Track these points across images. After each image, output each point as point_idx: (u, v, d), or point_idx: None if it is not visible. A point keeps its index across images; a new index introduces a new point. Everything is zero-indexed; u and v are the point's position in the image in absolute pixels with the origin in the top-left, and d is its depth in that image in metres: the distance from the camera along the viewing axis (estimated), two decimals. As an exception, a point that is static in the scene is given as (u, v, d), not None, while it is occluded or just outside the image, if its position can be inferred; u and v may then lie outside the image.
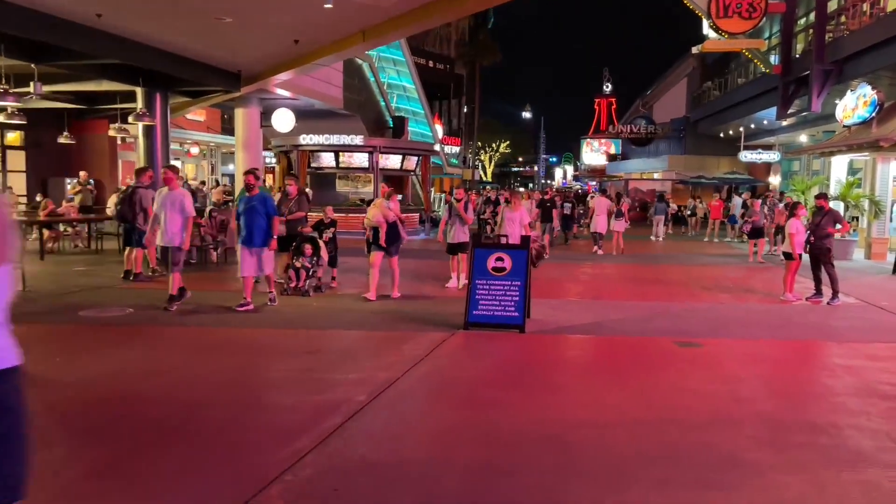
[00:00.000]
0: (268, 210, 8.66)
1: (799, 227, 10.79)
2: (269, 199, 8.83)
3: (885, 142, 16.77)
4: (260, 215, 8.55)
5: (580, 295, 11.10)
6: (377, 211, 9.72)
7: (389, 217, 9.64)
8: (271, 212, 8.71)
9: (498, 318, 7.90)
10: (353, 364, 6.20)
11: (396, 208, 9.92)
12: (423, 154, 24.35)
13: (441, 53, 49.08)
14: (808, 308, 10.20)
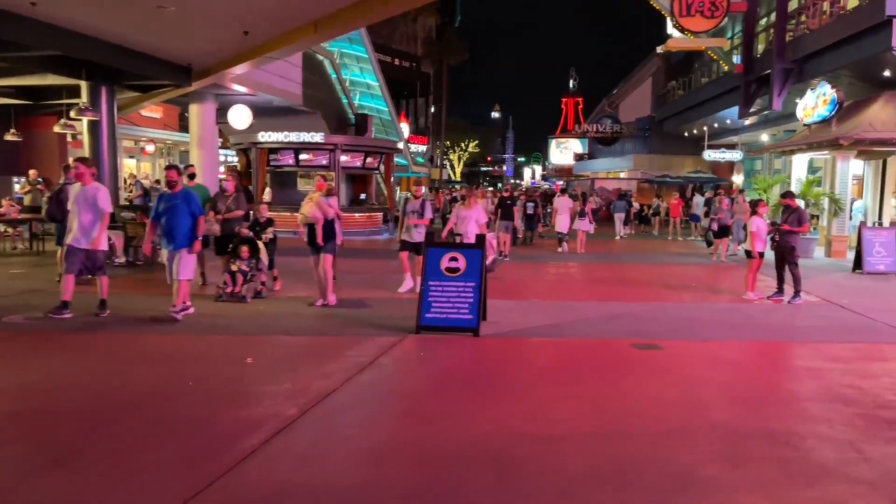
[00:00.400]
0: (192, 209, 7.82)
1: (760, 225, 10.63)
2: (194, 196, 8.01)
3: (845, 140, 16.85)
4: (182, 215, 7.74)
5: (540, 295, 10.78)
6: (313, 206, 8.93)
7: (328, 213, 8.93)
8: (196, 211, 7.87)
9: (451, 322, 7.51)
10: (289, 373, 5.74)
11: (335, 205, 9.30)
12: (386, 152, 23.85)
13: (407, 52, 48.61)
14: (769, 307, 10.03)
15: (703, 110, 30.11)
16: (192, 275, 8.04)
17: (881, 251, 14.33)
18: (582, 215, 18.06)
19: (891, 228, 14.68)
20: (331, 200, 9.19)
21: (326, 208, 8.95)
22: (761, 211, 10.91)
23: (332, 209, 9.09)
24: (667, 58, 38.78)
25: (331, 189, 9.52)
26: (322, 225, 8.85)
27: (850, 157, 17.92)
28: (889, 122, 17.21)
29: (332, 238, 9.05)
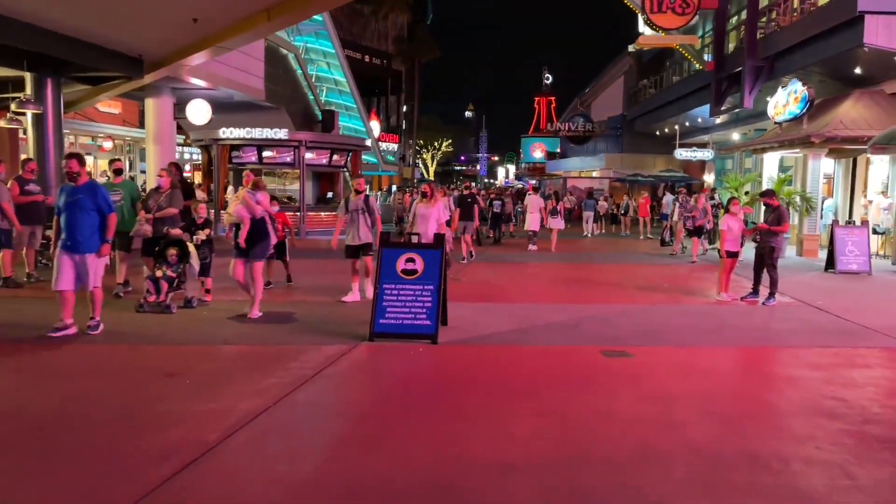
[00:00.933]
0: (98, 204, 6.72)
1: (731, 224, 10.25)
2: (101, 190, 6.95)
3: (817, 137, 16.66)
4: (87, 211, 6.64)
5: (507, 297, 10.27)
6: (239, 204, 7.88)
7: (256, 212, 7.85)
8: (104, 207, 6.78)
9: (407, 328, 6.95)
10: (218, 389, 5.12)
11: (265, 202, 8.16)
12: (353, 149, 23.21)
13: (378, 49, 47.90)
14: (744, 309, 9.65)
15: (674, 109, 29.98)
16: (100, 281, 6.93)
17: (854, 250, 14.12)
18: (554, 214, 18.14)
19: (863, 227, 14.48)
20: (259, 196, 8.06)
21: (253, 206, 7.86)
22: (734, 209, 10.55)
23: (261, 206, 7.99)
24: (638, 57, 38.70)
25: (258, 183, 8.29)
26: (249, 225, 7.80)
27: (821, 155, 17.75)
28: (860, 119, 17.07)
29: (263, 240, 7.94)
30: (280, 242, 9.83)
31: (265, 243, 7.99)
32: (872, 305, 10.06)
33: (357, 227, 8.92)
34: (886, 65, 16.65)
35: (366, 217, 8.93)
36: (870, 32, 15.01)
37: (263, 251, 8.01)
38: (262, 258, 7.99)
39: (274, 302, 8.97)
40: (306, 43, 24.93)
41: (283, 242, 10.06)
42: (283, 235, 10.02)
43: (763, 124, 23.67)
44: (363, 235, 8.93)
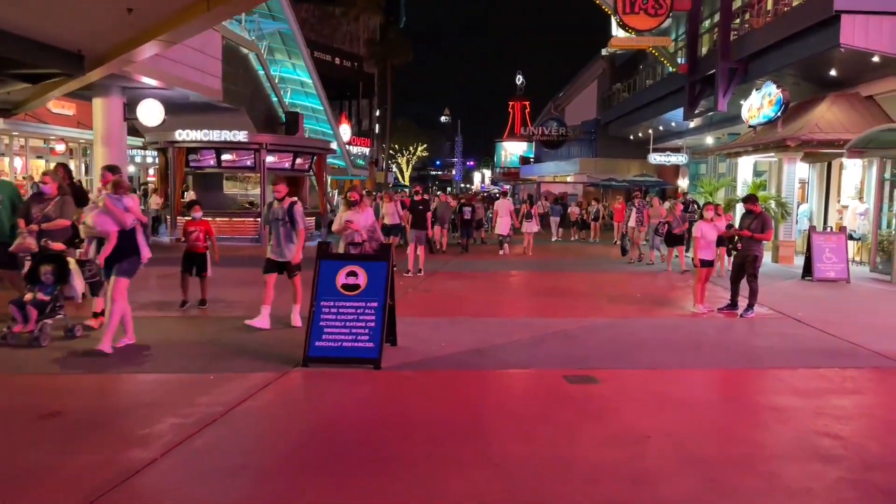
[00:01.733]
0: None
1: (706, 231, 9.60)
2: None
3: (792, 141, 16.21)
4: None
5: (469, 310, 9.50)
6: (100, 213, 6.38)
7: (126, 222, 6.35)
8: None
9: (347, 351, 6.13)
10: (106, 432, 4.26)
11: (135, 207, 6.58)
12: (318, 152, 22.30)
13: (349, 51, 47.02)
14: (721, 322, 9.00)
15: (648, 112, 29.58)
16: None
17: (831, 257, 13.63)
18: (529, 218, 18.25)
19: (840, 233, 14.00)
20: (126, 201, 6.45)
21: (120, 214, 6.34)
22: (708, 215, 9.92)
23: (131, 214, 6.44)
24: (612, 60, 38.38)
25: (120, 183, 6.55)
26: (116, 238, 6.32)
27: (796, 159, 17.33)
28: (835, 122, 16.67)
29: (132, 255, 6.41)
30: (199, 256, 8.76)
31: (134, 259, 6.46)
32: (853, 317, 9.49)
33: (279, 239, 7.52)
34: (862, 66, 16.27)
35: (287, 228, 7.47)
36: (846, 32, 14.57)
37: (133, 268, 6.47)
38: (128, 275, 6.42)
39: (207, 317, 8.10)
40: (269, 43, 24.00)
41: (203, 256, 8.81)
42: (205, 247, 8.84)
43: (737, 128, 23.29)
44: (287, 251, 7.52)
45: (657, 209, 16.30)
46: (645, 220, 16.22)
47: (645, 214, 16.30)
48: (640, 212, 16.32)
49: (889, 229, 14.63)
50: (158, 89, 18.08)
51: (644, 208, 16.47)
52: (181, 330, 7.59)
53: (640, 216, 16.26)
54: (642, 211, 16.35)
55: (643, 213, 16.31)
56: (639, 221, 16.23)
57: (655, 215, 16.04)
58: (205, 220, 9.29)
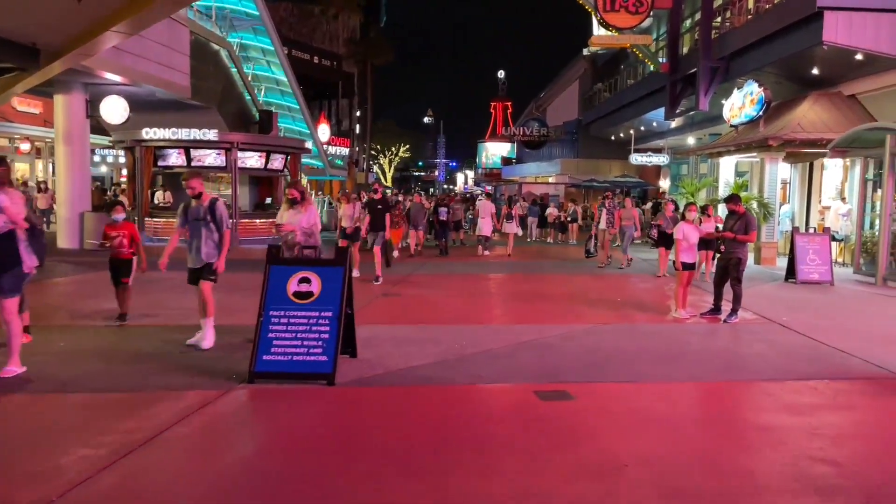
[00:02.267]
0: None
1: (687, 232, 9.17)
2: None
3: (774, 140, 15.90)
4: None
5: (438, 317, 8.98)
6: None
7: (16, 218, 5.39)
8: None
9: (298, 365, 5.58)
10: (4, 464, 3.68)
11: (20, 205, 5.49)
12: (292, 152, 21.67)
13: (328, 50, 46.34)
14: (704, 328, 8.57)
15: (629, 112, 29.28)
16: None
17: (815, 259, 13.31)
18: (509, 219, 18.26)
19: (824, 235, 13.69)
20: (3, 198, 5.37)
21: None
22: (690, 216, 9.50)
23: (8, 214, 5.35)
24: (593, 60, 38.12)
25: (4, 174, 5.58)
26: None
27: (778, 159, 17.04)
28: (818, 122, 16.40)
29: (13, 268, 5.45)
30: (124, 263, 7.93)
31: (16, 271, 5.48)
32: (840, 322, 9.11)
33: (200, 242, 6.60)
34: (845, 64, 16.01)
35: (210, 229, 6.62)
36: (829, 29, 14.28)
37: (15, 283, 5.49)
38: (12, 293, 5.49)
39: (145, 328, 7.51)
40: (241, 39, 23.33)
41: (129, 262, 7.96)
42: (131, 253, 7.96)
43: (718, 128, 23.03)
44: (205, 254, 6.60)
45: (628, 211, 15.67)
46: (616, 222, 15.45)
47: (616, 216, 15.51)
48: (610, 213, 15.51)
49: (872, 230, 14.34)
50: (123, 86, 17.39)
51: (615, 210, 15.67)
52: (112, 343, 6.96)
53: (611, 218, 15.44)
54: (613, 212, 15.54)
55: (614, 214, 15.52)
56: (609, 223, 15.40)
57: (627, 217, 15.39)
58: (129, 223, 8.35)
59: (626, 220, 15.36)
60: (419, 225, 16.95)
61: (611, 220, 15.38)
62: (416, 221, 16.89)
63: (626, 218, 15.41)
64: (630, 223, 15.31)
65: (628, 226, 15.33)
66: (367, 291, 11.08)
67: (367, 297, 10.54)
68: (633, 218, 15.44)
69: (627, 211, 15.67)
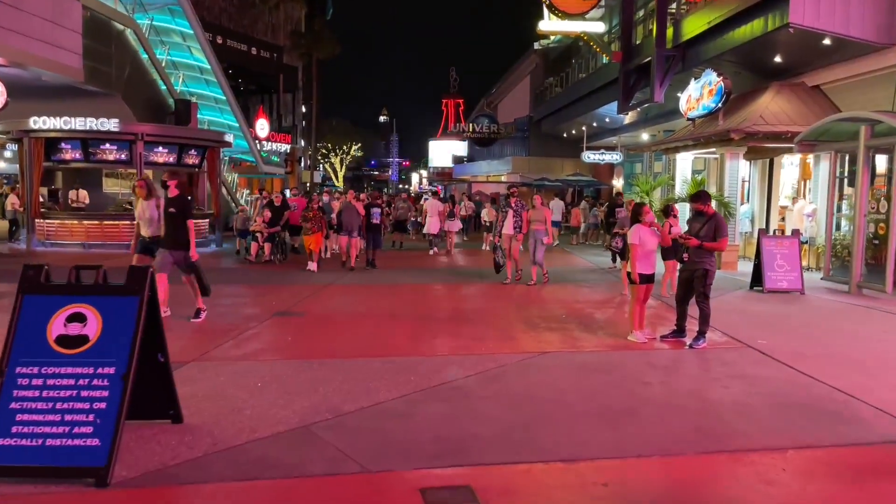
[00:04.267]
0: None
1: (644, 237, 7.47)
2: None
3: (736, 133, 14.45)
4: None
5: (334, 346, 7.04)
6: None
7: None
8: None
9: (53, 455, 3.57)
10: None
11: None
12: (210, 146, 19.39)
13: (268, 41, 43.82)
14: (666, 358, 6.85)
15: (581, 107, 27.85)
16: None
17: (783, 264, 11.85)
18: (451, 217, 18.32)
19: (793, 238, 12.23)
20: None
21: None
22: (647, 218, 7.76)
23: None
24: (545, 54, 36.69)
25: None
26: None
27: (739, 154, 15.63)
28: (781, 114, 15.02)
29: None
30: None
31: None
32: (826, 345, 7.54)
33: None
34: (810, 52, 14.68)
35: None
36: (796, 11, 12.87)
37: None
38: None
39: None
40: (153, 20, 20.90)
41: None
42: None
43: (673, 124, 21.69)
44: None
45: (539, 211, 12.12)
46: (524, 226, 11.78)
47: (524, 218, 11.84)
48: (518, 215, 11.79)
49: (839, 231, 12.98)
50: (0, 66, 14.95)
51: (522, 210, 11.93)
52: None
53: (518, 220, 11.76)
54: (521, 214, 11.83)
55: (522, 216, 11.82)
56: (516, 227, 11.73)
57: (537, 219, 11.95)
58: None
59: (537, 222, 11.96)
60: (352, 230, 13.67)
61: (518, 224, 11.73)
62: (348, 226, 13.78)
63: (536, 220, 11.95)
64: (541, 227, 11.91)
65: (539, 230, 11.84)
66: (264, 306, 9.08)
67: (261, 315, 8.56)
68: (545, 220, 12.14)
69: (538, 211, 12.09)
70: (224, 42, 37.65)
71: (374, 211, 14.22)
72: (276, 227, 14.39)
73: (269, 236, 14.46)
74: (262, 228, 14.37)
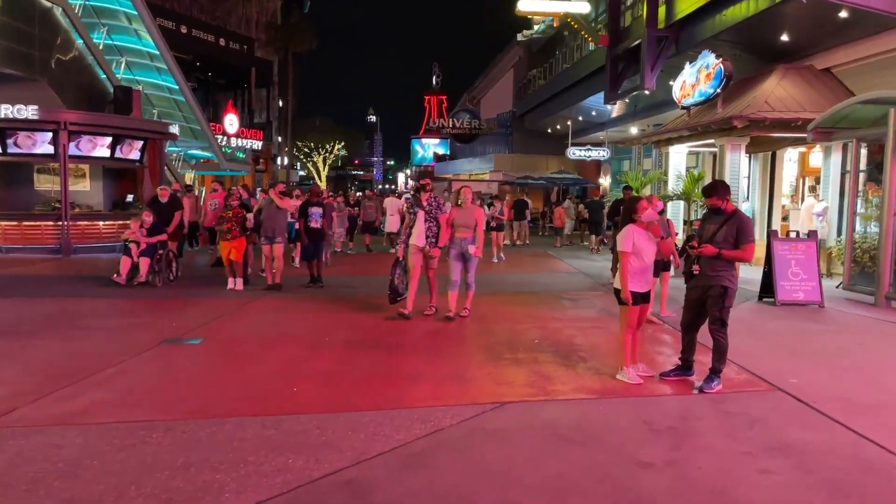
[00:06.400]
0: None
1: (640, 242, 5.59)
2: None
3: (739, 121, 12.63)
4: None
5: (202, 396, 5.05)
6: None
7: None
8: None
9: None
10: None
11: None
12: (150, 137, 17.33)
13: (239, 33, 41.67)
14: (669, 411, 4.93)
15: (566, 99, 25.99)
16: None
17: (799, 272, 10.02)
18: None
19: (809, 240, 10.38)
20: None
21: None
22: (644, 215, 5.82)
23: None
24: (528, 46, 34.84)
25: None
26: None
27: (741, 145, 13.82)
28: (789, 100, 13.23)
29: None
30: None
31: None
32: (876, 383, 5.69)
33: None
34: (821, 28, 12.89)
35: None
36: (810, -25, 11.06)
37: None
38: None
39: None
40: (86, 1, 18.80)
41: None
42: None
43: (664, 116, 19.89)
44: None
45: (467, 211, 8.09)
46: (443, 234, 8.11)
47: (442, 223, 8.08)
48: (431, 217, 8.08)
49: (858, 233, 11.14)
50: None
51: (440, 212, 8.14)
52: None
53: (434, 226, 8.07)
54: (437, 216, 8.11)
55: (438, 220, 8.09)
56: (429, 237, 8.08)
57: (463, 224, 8.09)
58: None
59: (463, 228, 8.02)
60: (274, 235, 10.30)
61: (432, 231, 8.07)
62: (267, 230, 10.28)
63: (461, 225, 8.02)
64: (469, 234, 8.00)
65: (465, 238, 8.02)
66: (154, 333, 7.01)
67: (151, 340, 6.58)
68: (476, 224, 8.04)
69: (465, 212, 8.04)
70: (189, 32, 35.41)
71: (313, 211, 10.72)
72: (160, 234, 10.76)
73: (148, 248, 10.57)
74: (137, 237, 10.55)
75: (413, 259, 8.21)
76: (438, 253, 8.27)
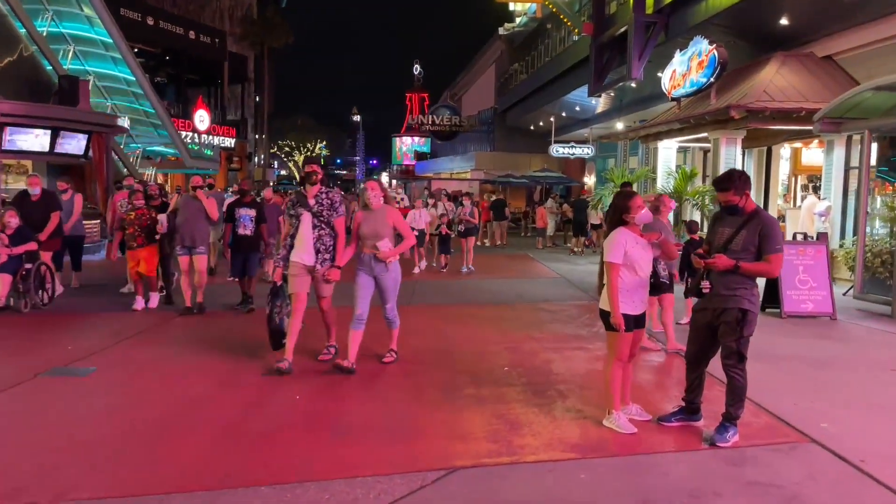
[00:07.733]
0: None
1: (632, 251, 4.34)
2: None
3: (737, 111, 11.50)
4: None
5: (51, 461, 3.75)
6: None
7: None
8: None
9: None
10: None
11: None
12: (94, 129, 15.87)
13: (209, 25, 40.12)
14: (673, 480, 3.68)
15: (549, 93, 24.82)
16: None
17: (807, 280, 8.87)
18: None
19: (819, 244, 9.22)
20: None
21: None
22: (639, 216, 4.53)
23: None
24: (510, 39, 33.69)
25: None
26: None
27: (737, 139, 12.69)
28: (789, 89, 12.11)
29: None
30: None
31: None
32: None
33: None
34: (824, 11, 11.79)
35: None
36: (815, -52, 9.92)
37: None
38: None
39: None
40: (32, -21, 17.35)
41: None
42: None
43: (652, 111, 18.76)
44: None
45: (377, 214, 5.70)
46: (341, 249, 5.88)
47: (339, 231, 5.96)
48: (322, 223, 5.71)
49: (870, 235, 10.01)
50: None
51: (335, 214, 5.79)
52: None
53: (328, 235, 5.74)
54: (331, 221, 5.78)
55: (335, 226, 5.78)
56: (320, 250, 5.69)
57: (371, 233, 5.68)
58: None
59: (371, 238, 5.69)
60: (195, 244, 7.94)
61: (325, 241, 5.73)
62: (185, 236, 7.94)
63: (368, 236, 5.69)
64: (385, 244, 5.70)
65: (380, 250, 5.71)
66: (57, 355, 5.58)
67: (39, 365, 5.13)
68: (391, 230, 5.82)
69: (375, 216, 5.72)
70: (157, 23, 33.83)
71: (241, 214, 8.28)
72: (28, 243, 7.97)
73: (10, 261, 7.79)
74: None
75: (296, 284, 5.59)
76: (337, 275, 5.65)
